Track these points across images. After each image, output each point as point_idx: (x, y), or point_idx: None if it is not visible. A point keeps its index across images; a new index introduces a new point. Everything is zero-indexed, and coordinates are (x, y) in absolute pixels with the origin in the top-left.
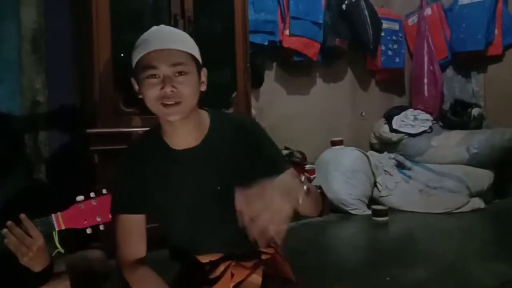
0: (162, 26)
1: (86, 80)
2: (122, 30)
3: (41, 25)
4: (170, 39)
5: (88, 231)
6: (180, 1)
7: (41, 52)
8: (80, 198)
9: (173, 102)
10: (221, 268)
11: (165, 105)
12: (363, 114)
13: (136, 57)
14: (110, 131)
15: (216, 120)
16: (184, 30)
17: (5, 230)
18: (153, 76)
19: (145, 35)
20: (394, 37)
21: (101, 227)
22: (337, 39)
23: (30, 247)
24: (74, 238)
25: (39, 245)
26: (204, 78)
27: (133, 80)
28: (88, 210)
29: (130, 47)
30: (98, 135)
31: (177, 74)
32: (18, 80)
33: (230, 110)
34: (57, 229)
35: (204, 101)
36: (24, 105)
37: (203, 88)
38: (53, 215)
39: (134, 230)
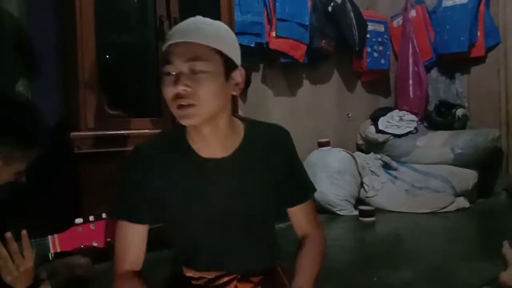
0: (197, 17)
1: (70, 82)
2: (107, 31)
3: (23, 25)
4: (193, 31)
5: None
6: (166, 2)
7: (23, 53)
8: (79, 221)
9: (186, 104)
10: (225, 279)
11: (179, 107)
12: (349, 116)
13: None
14: (94, 134)
15: (251, 132)
16: None
17: None
18: (170, 73)
19: (175, 26)
20: (379, 39)
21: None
22: (323, 41)
23: (18, 267)
24: None
25: (27, 267)
26: (239, 79)
27: None
28: (86, 234)
29: (115, 48)
30: (82, 138)
31: (196, 72)
32: None
33: None
34: (52, 251)
35: None
36: None
37: (236, 91)
38: (49, 236)
39: (133, 240)
